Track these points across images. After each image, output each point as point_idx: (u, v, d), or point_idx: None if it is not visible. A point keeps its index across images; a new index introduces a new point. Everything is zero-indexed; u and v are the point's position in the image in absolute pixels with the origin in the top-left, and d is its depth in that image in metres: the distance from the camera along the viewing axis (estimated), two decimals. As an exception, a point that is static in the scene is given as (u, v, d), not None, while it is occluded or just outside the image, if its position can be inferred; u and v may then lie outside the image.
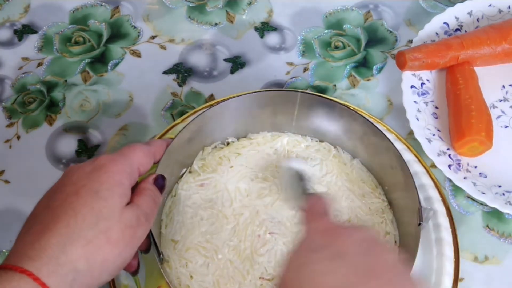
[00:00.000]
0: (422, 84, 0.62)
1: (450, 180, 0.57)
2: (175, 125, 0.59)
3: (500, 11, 0.66)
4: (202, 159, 0.56)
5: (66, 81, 0.65)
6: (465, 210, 0.58)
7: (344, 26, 0.70)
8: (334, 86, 0.65)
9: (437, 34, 0.64)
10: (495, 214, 0.58)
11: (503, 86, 0.63)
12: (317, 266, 0.36)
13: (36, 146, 0.61)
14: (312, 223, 0.41)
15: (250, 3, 0.71)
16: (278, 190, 0.54)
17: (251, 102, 0.55)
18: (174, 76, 0.66)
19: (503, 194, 0.56)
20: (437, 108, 0.61)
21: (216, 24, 0.70)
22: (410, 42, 0.67)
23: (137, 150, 0.46)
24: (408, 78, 0.61)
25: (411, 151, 0.58)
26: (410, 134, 0.60)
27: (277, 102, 0.55)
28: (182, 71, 0.66)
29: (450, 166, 0.56)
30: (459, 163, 0.57)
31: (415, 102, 0.60)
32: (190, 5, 0.71)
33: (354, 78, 0.66)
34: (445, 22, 0.65)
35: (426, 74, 0.62)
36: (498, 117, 0.61)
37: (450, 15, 0.65)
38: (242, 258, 0.51)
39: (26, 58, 0.67)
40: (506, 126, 0.61)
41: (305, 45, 0.68)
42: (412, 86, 0.61)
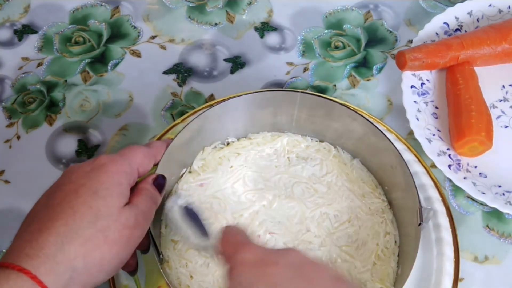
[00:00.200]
0: (422, 84, 0.62)
1: (450, 180, 0.57)
2: (175, 125, 0.59)
3: (500, 11, 0.66)
4: (202, 159, 0.56)
5: (66, 81, 0.65)
6: (465, 210, 0.58)
7: (344, 26, 0.70)
8: (334, 86, 0.65)
9: (437, 34, 0.64)
10: (495, 214, 0.57)
11: (503, 86, 0.63)
12: None
13: (36, 146, 0.61)
14: (236, 255, 0.39)
15: (250, 3, 0.71)
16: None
17: (251, 102, 0.55)
18: (174, 76, 0.66)
19: (503, 194, 0.56)
20: (437, 108, 0.61)
21: (216, 24, 0.70)
22: (410, 42, 0.67)
23: (137, 151, 0.46)
24: (408, 78, 0.61)
25: (411, 151, 0.58)
26: (410, 134, 0.60)
27: (277, 102, 0.55)
28: (182, 71, 0.66)
29: (450, 166, 0.56)
30: (459, 163, 0.57)
31: (415, 102, 0.60)
32: (190, 5, 0.71)
33: (354, 78, 0.66)
34: (445, 22, 0.65)
35: (426, 74, 0.62)
36: (498, 117, 0.61)
37: (450, 15, 0.65)
38: (242, 258, 0.51)
39: (26, 58, 0.67)
40: (506, 126, 0.61)
41: (305, 45, 0.68)
42: (412, 86, 0.61)
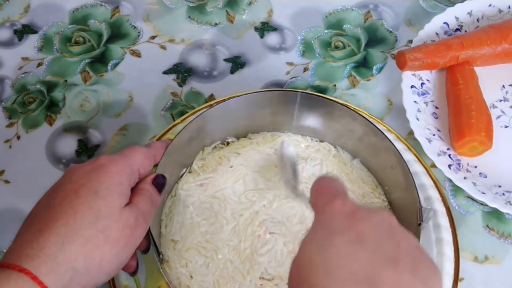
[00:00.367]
0: (422, 84, 0.62)
1: (450, 180, 0.57)
2: (175, 125, 0.59)
3: (500, 11, 0.66)
4: (202, 159, 0.56)
5: (66, 81, 0.65)
6: (465, 210, 0.58)
7: (344, 26, 0.70)
8: (334, 86, 0.65)
9: (437, 34, 0.64)
10: (495, 214, 0.57)
11: (503, 86, 0.63)
12: (342, 249, 0.35)
13: (36, 146, 0.61)
14: (330, 204, 0.38)
15: (250, 3, 0.71)
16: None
17: (251, 102, 0.55)
18: (174, 76, 0.65)
19: (503, 194, 0.56)
20: (437, 108, 0.61)
21: (216, 24, 0.70)
22: (410, 42, 0.67)
23: (138, 151, 0.46)
24: (408, 78, 0.61)
25: (411, 151, 0.58)
26: (410, 134, 0.60)
27: (277, 102, 0.55)
28: (182, 71, 0.66)
29: (450, 166, 0.56)
30: (459, 163, 0.57)
31: (415, 102, 0.60)
32: (190, 5, 0.71)
33: (354, 78, 0.66)
34: (445, 22, 0.65)
35: (426, 74, 0.62)
36: (498, 117, 0.61)
37: (450, 15, 0.65)
38: (242, 258, 0.51)
39: (26, 58, 0.67)
40: (506, 126, 0.61)
41: (305, 45, 0.68)
42: (412, 86, 0.61)
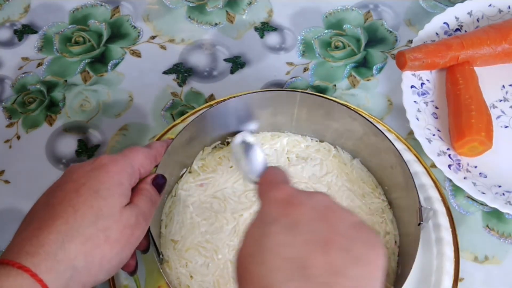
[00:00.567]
0: (422, 84, 0.62)
1: (450, 180, 0.57)
2: (175, 125, 0.59)
3: (500, 11, 0.66)
4: (202, 159, 0.56)
5: (66, 81, 0.65)
6: (465, 210, 0.58)
7: (344, 26, 0.70)
8: (334, 86, 0.65)
9: (437, 34, 0.64)
10: (495, 214, 0.57)
11: (503, 86, 0.63)
12: (275, 237, 0.36)
13: (36, 146, 0.61)
14: (268, 193, 0.39)
15: (250, 3, 0.71)
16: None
17: (251, 102, 0.55)
18: (174, 76, 0.65)
19: (503, 194, 0.56)
20: (437, 108, 0.61)
21: (216, 24, 0.70)
22: (410, 42, 0.67)
23: (138, 151, 0.46)
24: (408, 78, 0.61)
25: (411, 151, 0.58)
26: (410, 134, 0.60)
27: (277, 102, 0.55)
28: (182, 71, 0.66)
29: (450, 166, 0.56)
30: (459, 163, 0.57)
31: (415, 102, 0.60)
32: (190, 5, 0.71)
33: (354, 78, 0.66)
34: (445, 22, 0.65)
35: (426, 74, 0.62)
36: (498, 117, 0.61)
37: (450, 15, 0.65)
38: (242, 258, 0.51)
39: (26, 58, 0.67)
40: (506, 126, 0.61)
41: (305, 45, 0.68)
42: (412, 86, 0.61)
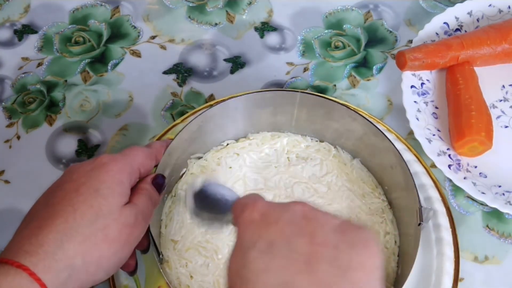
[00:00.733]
0: (422, 84, 0.62)
1: (450, 180, 0.57)
2: (175, 125, 0.59)
3: (500, 11, 0.66)
4: (201, 159, 0.56)
5: (66, 81, 0.65)
6: (465, 210, 0.58)
7: (344, 26, 0.70)
8: (334, 86, 0.65)
9: (437, 34, 0.64)
10: (495, 214, 0.57)
11: (503, 86, 0.63)
12: (254, 265, 0.33)
13: (36, 146, 0.61)
14: (242, 215, 0.36)
15: (250, 3, 0.71)
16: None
17: (251, 102, 0.55)
18: (174, 76, 0.65)
19: (503, 194, 0.56)
20: (437, 108, 0.61)
21: (216, 24, 0.70)
22: (410, 42, 0.67)
23: (138, 151, 0.46)
24: (408, 78, 0.61)
25: (411, 151, 0.58)
26: (410, 134, 0.60)
27: (277, 102, 0.55)
28: (182, 71, 0.66)
29: (450, 166, 0.56)
30: (459, 163, 0.57)
31: (415, 102, 0.60)
32: (190, 5, 0.71)
33: (354, 78, 0.66)
34: (445, 22, 0.65)
35: (426, 74, 0.62)
36: (498, 117, 0.61)
37: (450, 15, 0.65)
38: (242, 258, 0.51)
39: (26, 58, 0.67)
40: (506, 126, 0.61)
41: (305, 45, 0.68)
42: (412, 86, 0.61)
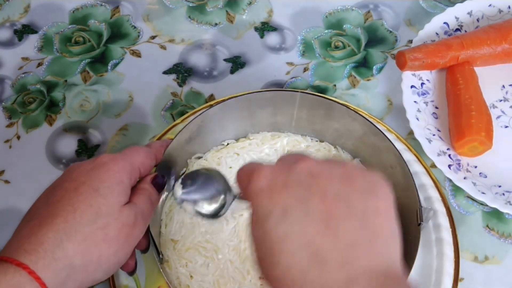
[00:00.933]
0: (422, 84, 0.62)
1: (450, 180, 0.57)
2: (175, 125, 0.59)
3: (500, 11, 0.66)
4: (201, 159, 0.56)
5: (66, 81, 0.65)
6: (465, 210, 0.58)
7: (344, 26, 0.70)
8: (334, 86, 0.65)
9: (437, 34, 0.64)
10: (495, 214, 0.57)
11: (503, 86, 0.63)
12: (275, 233, 0.32)
13: (36, 146, 0.61)
14: (248, 187, 0.35)
15: (250, 3, 0.71)
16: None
17: (251, 102, 0.55)
18: (174, 76, 0.65)
19: (503, 194, 0.56)
20: (437, 108, 0.61)
21: (216, 24, 0.70)
22: (410, 42, 0.67)
23: (139, 151, 0.46)
24: (408, 78, 0.61)
25: (411, 151, 0.58)
26: (410, 134, 0.60)
27: (277, 102, 0.55)
28: (182, 71, 0.66)
29: (450, 166, 0.56)
30: (459, 163, 0.57)
31: (415, 102, 0.60)
32: (190, 5, 0.71)
33: (354, 78, 0.66)
34: (445, 22, 0.65)
35: (426, 74, 0.62)
36: (498, 117, 0.61)
37: (450, 15, 0.65)
38: (242, 258, 0.51)
39: (26, 58, 0.67)
40: (506, 126, 0.61)
41: (305, 45, 0.68)
42: (412, 86, 0.61)
